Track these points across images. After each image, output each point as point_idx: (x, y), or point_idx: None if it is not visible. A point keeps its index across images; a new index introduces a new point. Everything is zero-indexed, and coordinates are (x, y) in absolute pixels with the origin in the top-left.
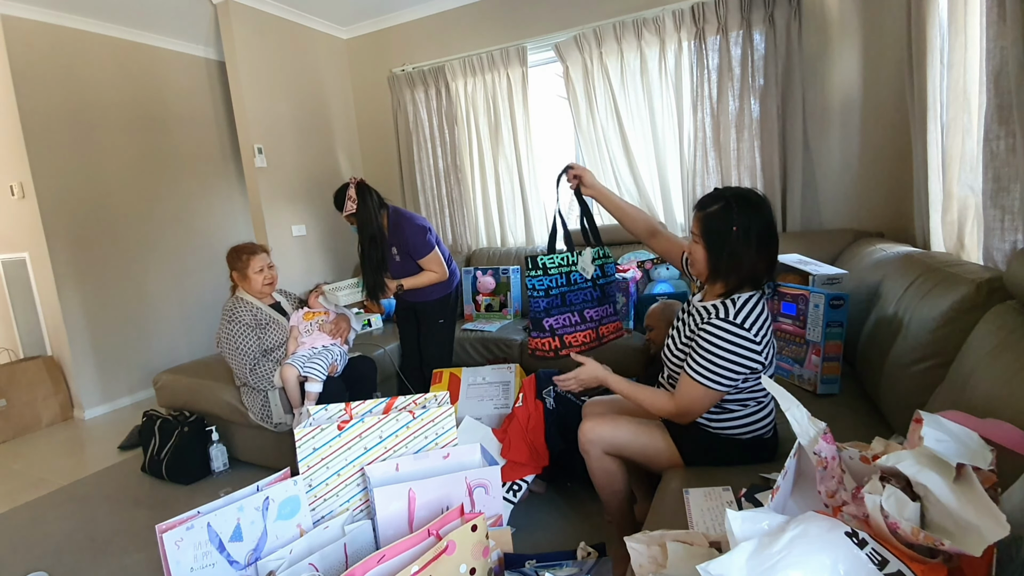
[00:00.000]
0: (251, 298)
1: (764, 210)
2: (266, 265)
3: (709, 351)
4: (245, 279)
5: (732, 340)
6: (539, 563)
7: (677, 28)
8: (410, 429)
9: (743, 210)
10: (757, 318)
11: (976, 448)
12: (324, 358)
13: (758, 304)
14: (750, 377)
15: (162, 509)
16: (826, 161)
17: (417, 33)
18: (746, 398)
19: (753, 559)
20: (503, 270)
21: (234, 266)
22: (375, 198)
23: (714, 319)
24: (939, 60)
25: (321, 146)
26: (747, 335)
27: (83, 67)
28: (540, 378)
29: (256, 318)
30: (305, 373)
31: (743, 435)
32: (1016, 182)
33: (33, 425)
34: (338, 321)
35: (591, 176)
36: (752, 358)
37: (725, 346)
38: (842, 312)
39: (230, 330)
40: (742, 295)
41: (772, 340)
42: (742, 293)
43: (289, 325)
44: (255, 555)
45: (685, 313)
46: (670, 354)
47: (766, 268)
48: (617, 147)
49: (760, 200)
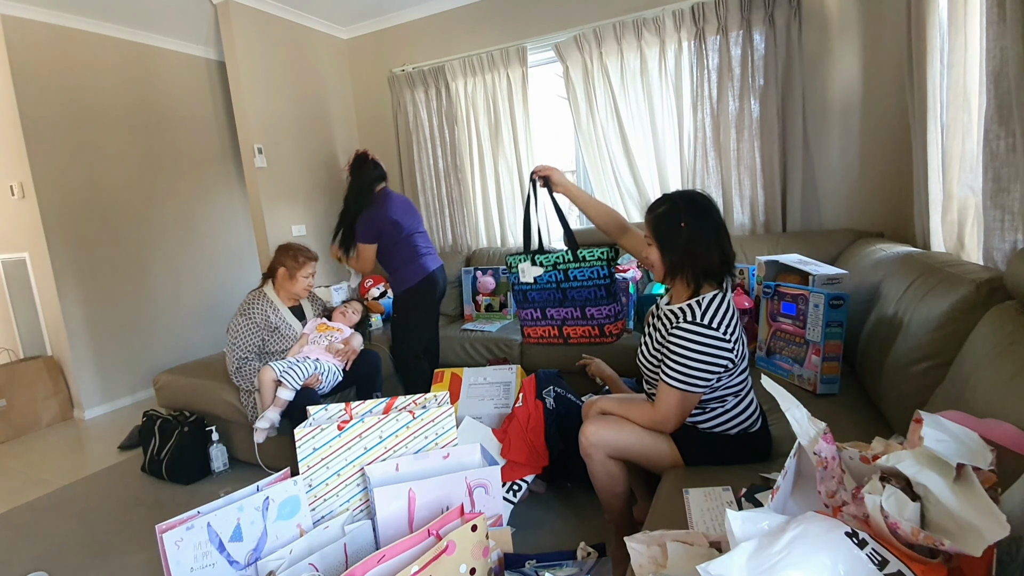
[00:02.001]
0: (275, 296)
1: (710, 207)
2: (313, 274)
3: (681, 355)
4: (292, 279)
5: (702, 342)
6: (539, 563)
7: (677, 28)
8: (410, 429)
9: (689, 208)
10: (724, 316)
11: (976, 448)
12: (306, 368)
13: (723, 303)
14: (723, 376)
15: (162, 509)
16: (826, 161)
17: (417, 33)
18: (723, 394)
19: (753, 559)
20: (503, 270)
21: (285, 263)
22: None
23: (683, 323)
24: (939, 60)
25: (321, 146)
26: (717, 334)
27: (83, 67)
28: (540, 378)
29: (268, 320)
30: (281, 378)
31: (730, 430)
32: (1016, 182)
33: (33, 425)
34: (348, 341)
35: (559, 175)
36: (724, 356)
37: (697, 348)
38: (842, 312)
39: (238, 322)
40: (706, 296)
41: (741, 336)
42: (706, 294)
43: (304, 331)
44: (255, 555)
45: (654, 318)
46: (644, 360)
47: (720, 262)
48: (617, 147)
49: (705, 199)
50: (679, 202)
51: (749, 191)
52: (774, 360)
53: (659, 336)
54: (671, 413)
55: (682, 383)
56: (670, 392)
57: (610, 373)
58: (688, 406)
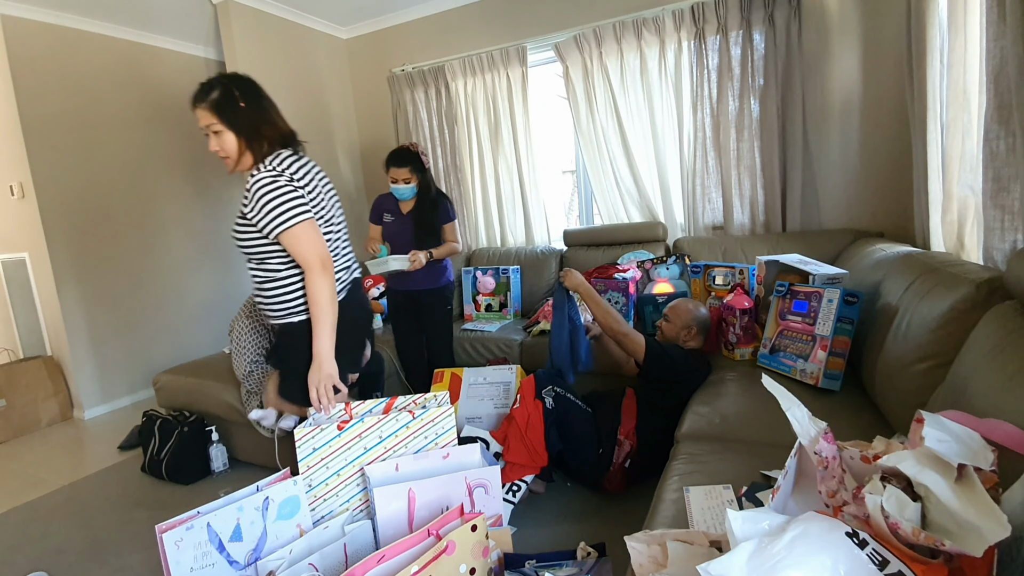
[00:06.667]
0: None
1: (253, 82)
2: None
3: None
4: None
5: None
6: (539, 563)
7: (677, 28)
8: (410, 429)
9: (240, 85)
10: (293, 164)
11: (977, 448)
12: None
13: (298, 159)
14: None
15: (162, 509)
16: (826, 161)
17: (417, 33)
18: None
19: (753, 559)
20: (503, 270)
21: None
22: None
23: (257, 178)
24: (939, 60)
25: (321, 146)
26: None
27: (83, 67)
28: (539, 378)
29: None
30: None
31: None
32: (1016, 182)
33: (33, 425)
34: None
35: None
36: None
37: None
38: (855, 309)
39: (243, 325)
40: (279, 154)
41: (324, 195)
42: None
43: None
44: (255, 555)
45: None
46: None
47: (286, 131)
48: (617, 147)
49: (247, 77)
50: (229, 83)
51: (749, 191)
52: (777, 357)
53: (241, 209)
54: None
55: (284, 225)
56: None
57: (586, 288)
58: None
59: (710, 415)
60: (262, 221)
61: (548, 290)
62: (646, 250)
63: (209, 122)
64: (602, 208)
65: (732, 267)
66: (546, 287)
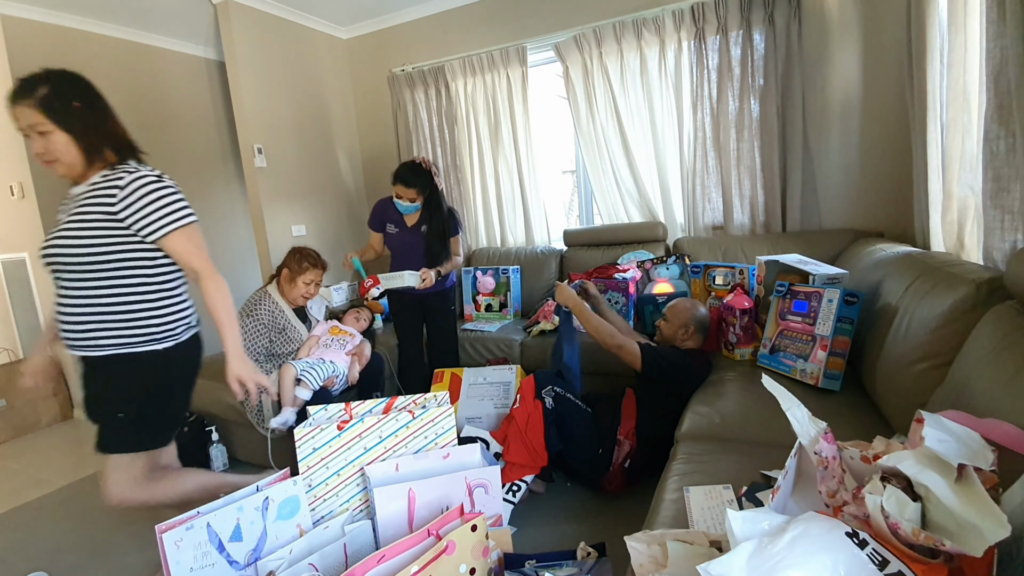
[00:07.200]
0: (279, 297)
1: (86, 80)
2: (316, 283)
3: (153, 201)
4: (292, 282)
5: (161, 183)
6: (539, 563)
7: (677, 28)
8: (410, 429)
9: (72, 81)
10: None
11: (977, 448)
12: (325, 370)
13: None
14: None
15: (162, 509)
16: (826, 161)
17: (417, 33)
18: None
19: (754, 559)
20: (503, 270)
21: (290, 265)
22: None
23: (139, 175)
24: (939, 60)
25: (321, 146)
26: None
27: (83, 67)
28: (539, 378)
29: (275, 319)
30: (301, 376)
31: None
32: (1016, 182)
33: (33, 425)
34: (361, 350)
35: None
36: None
37: (156, 189)
38: (854, 309)
39: (244, 323)
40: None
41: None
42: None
43: (312, 333)
44: (255, 555)
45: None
46: None
47: (123, 131)
48: (617, 147)
49: (79, 74)
50: (59, 80)
51: (749, 191)
52: (777, 357)
53: (88, 213)
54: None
55: (177, 224)
56: (183, 235)
57: (576, 303)
58: (203, 244)
59: (710, 415)
60: (144, 220)
61: (548, 290)
62: (646, 250)
63: (34, 121)
64: (602, 208)
65: (732, 267)
66: (546, 287)
